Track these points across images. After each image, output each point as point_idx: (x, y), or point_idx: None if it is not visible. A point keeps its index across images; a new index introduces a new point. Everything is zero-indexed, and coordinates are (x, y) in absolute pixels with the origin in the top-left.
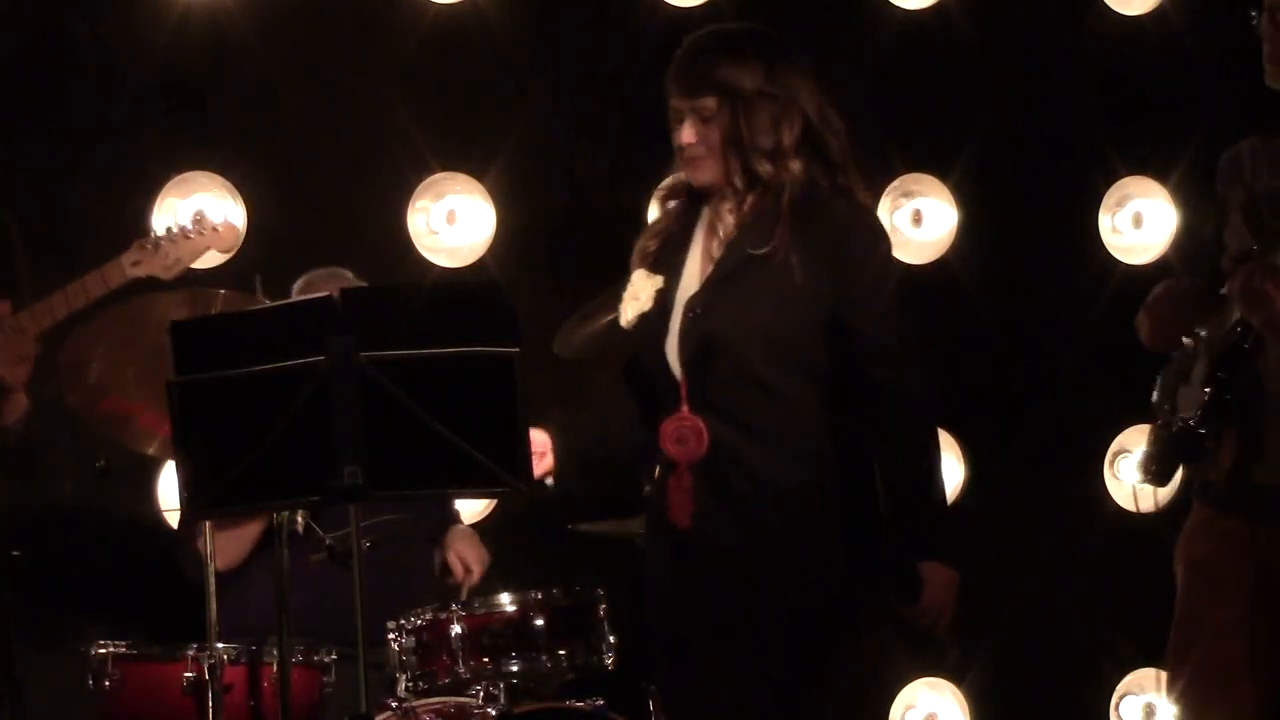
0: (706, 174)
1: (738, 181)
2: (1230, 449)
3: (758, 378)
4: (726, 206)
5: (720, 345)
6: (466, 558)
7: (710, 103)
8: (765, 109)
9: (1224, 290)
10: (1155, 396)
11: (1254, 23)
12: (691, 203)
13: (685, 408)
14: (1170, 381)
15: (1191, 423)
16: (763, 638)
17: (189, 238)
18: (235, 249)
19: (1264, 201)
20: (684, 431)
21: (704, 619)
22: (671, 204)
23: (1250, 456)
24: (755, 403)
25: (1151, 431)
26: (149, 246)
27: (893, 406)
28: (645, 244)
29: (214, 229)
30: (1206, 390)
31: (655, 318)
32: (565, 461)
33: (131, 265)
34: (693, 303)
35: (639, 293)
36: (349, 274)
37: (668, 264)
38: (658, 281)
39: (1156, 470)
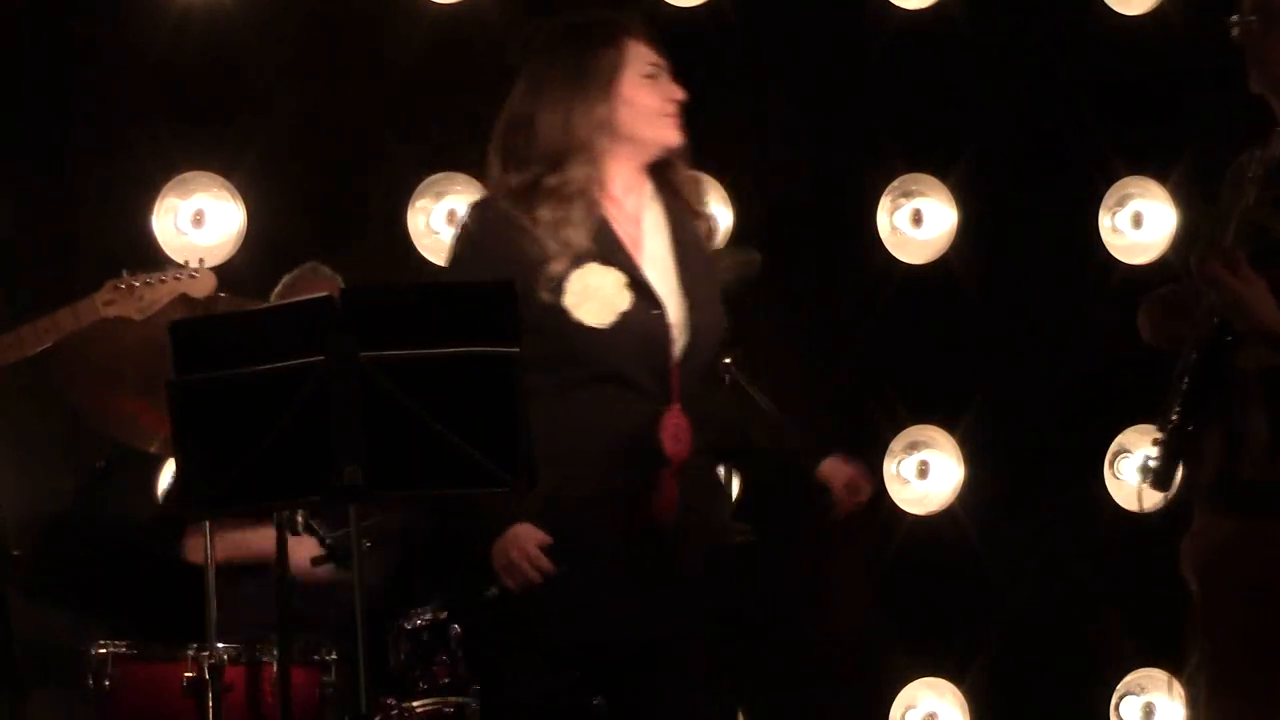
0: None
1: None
2: (1217, 446)
3: (709, 369)
4: (636, 176)
5: (703, 338)
6: None
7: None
8: None
9: None
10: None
11: (1234, 31)
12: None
13: (678, 404)
14: (1171, 383)
15: (1175, 420)
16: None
17: (164, 281)
18: (211, 293)
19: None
20: (679, 429)
21: (695, 621)
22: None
23: (1233, 452)
24: (702, 395)
25: (1156, 434)
26: (123, 287)
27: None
28: (577, 238)
29: (191, 275)
30: (1184, 383)
31: (641, 314)
32: None
33: (105, 305)
34: (689, 296)
35: (610, 289)
36: (327, 270)
37: (601, 253)
38: (619, 275)
39: (1156, 472)
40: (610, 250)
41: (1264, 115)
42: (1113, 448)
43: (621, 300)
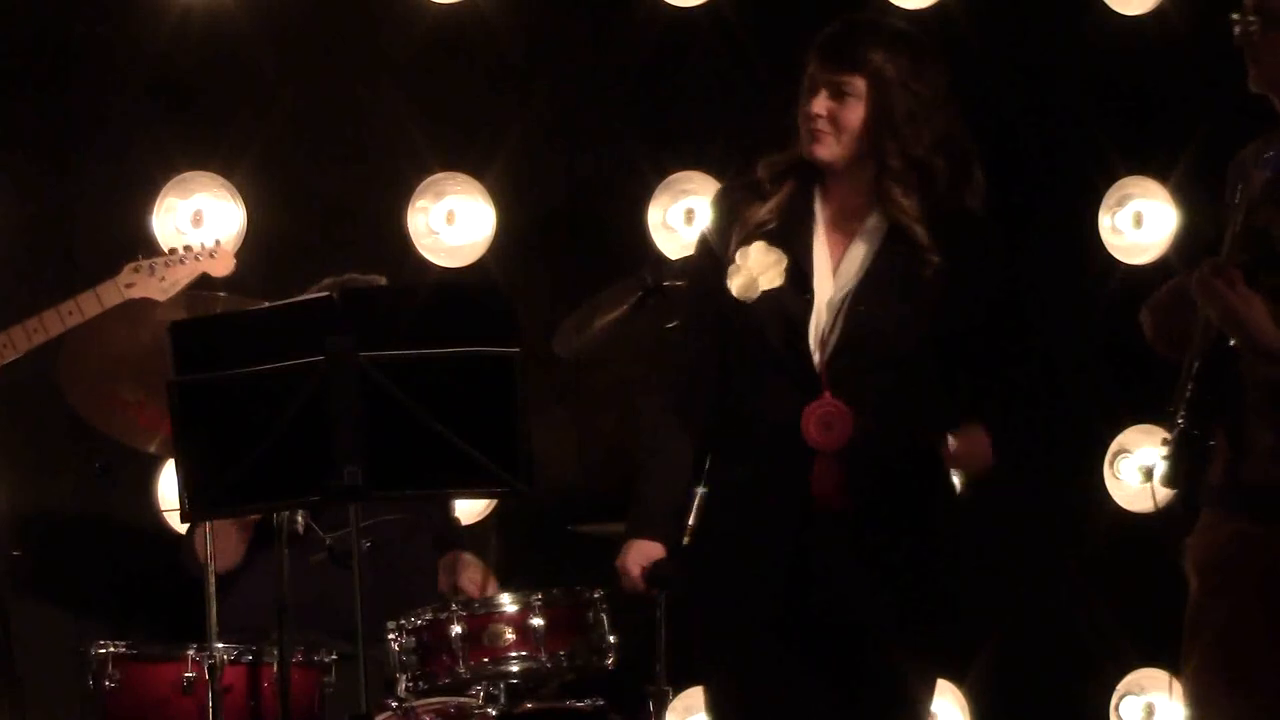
0: (827, 150)
1: (869, 167)
2: (1222, 448)
3: (902, 372)
4: (851, 188)
5: (875, 337)
6: (477, 581)
7: (855, 81)
8: (906, 103)
9: None
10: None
11: (1234, 30)
12: (802, 180)
13: (827, 393)
14: (1178, 383)
15: (1181, 423)
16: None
17: (183, 262)
18: (230, 272)
19: (1258, 204)
20: (830, 417)
21: (874, 608)
22: (778, 179)
23: (1238, 454)
24: (893, 395)
25: (1165, 434)
26: (144, 269)
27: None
28: (763, 217)
29: (210, 254)
30: (1189, 388)
31: (789, 297)
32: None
33: (126, 286)
34: (858, 295)
35: (763, 267)
36: (383, 280)
37: (785, 240)
38: (783, 258)
39: (1168, 471)
40: (794, 238)
41: (1263, 113)
42: (1113, 448)
43: (772, 280)
